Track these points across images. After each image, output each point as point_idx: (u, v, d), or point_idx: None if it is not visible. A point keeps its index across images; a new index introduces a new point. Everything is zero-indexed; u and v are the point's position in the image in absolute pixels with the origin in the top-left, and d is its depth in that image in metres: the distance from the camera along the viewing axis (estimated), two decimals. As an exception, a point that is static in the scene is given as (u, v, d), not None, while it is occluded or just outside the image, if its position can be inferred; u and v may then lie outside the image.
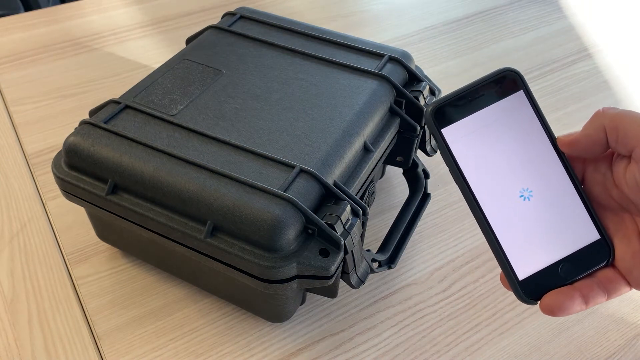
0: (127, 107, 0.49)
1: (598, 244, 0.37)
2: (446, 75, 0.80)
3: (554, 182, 0.37)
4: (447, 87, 0.78)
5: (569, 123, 0.71)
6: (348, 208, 0.44)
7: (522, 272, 0.36)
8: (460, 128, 0.36)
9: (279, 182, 0.43)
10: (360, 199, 0.51)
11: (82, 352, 0.48)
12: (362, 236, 0.47)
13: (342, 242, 0.42)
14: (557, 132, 0.36)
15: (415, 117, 0.54)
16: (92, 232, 0.54)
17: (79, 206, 0.50)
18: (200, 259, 0.44)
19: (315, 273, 0.42)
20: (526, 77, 0.80)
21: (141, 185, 0.44)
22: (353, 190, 0.47)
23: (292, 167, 0.44)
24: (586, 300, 0.36)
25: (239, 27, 0.60)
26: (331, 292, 0.47)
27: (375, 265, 0.50)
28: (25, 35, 0.82)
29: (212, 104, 0.50)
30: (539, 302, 0.36)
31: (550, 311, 0.36)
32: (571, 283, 0.36)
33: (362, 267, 0.45)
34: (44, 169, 0.63)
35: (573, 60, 0.84)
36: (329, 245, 0.42)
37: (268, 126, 0.48)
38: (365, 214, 0.45)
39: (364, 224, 0.46)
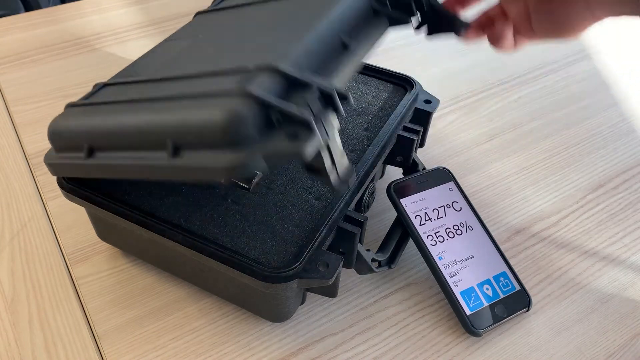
0: (105, 85, 0.50)
1: (520, 293, 0.52)
2: (446, 75, 0.80)
3: (482, 244, 0.54)
4: (447, 87, 0.79)
5: (568, 123, 0.71)
6: (317, 92, 0.37)
7: (468, 309, 0.50)
8: (413, 199, 0.54)
9: (233, 85, 0.40)
10: (360, 199, 0.51)
11: (82, 352, 0.48)
12: (362, 234, 0.47)
13: (311, 120, 0.35)
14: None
15: (405, 8, 0.49)
16: (92, 232, 0.54)
17: (79, 206, 0.50)
18: (200, 258, 0.44)
19: (288, 155, 0.36)
20: (526, 77, 0.81)
21: (107, 137, 0.44)
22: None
23: (248, 70, 0.40)
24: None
25: None
26: (331, 292, 0.47)
27: (375, 265, 0.50)
28: (25, 35, 0.82)
29: (178, 54, 0.51)
30: None
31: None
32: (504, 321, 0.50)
33: (343, 164, 0.39)
34: (44, 169, 0.63)
35: (573, 60, 0.84)
36: (298, 127, 0.36)
37: (227, 46, 0.48)
38: (345, 98, 0.37)
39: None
